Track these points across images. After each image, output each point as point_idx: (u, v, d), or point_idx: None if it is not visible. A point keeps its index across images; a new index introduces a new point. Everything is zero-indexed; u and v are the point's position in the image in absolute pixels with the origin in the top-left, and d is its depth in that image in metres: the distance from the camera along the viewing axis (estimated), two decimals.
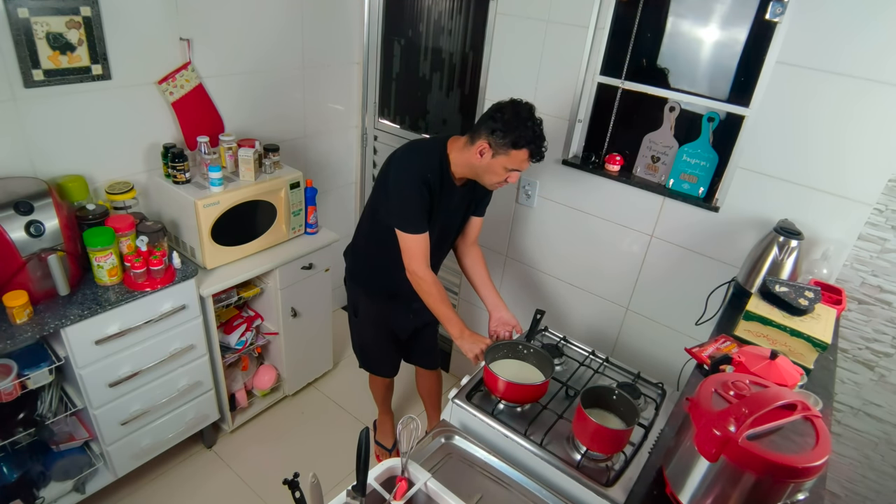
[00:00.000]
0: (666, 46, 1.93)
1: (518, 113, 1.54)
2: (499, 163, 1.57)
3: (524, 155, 1.54)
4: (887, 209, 1.58)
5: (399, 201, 1.64)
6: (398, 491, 1.14)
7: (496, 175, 1.60)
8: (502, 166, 1.57)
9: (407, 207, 1.63)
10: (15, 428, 1.75)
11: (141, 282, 1.83)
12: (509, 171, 1.59)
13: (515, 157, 1.55)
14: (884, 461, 1.86)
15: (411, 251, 1.67)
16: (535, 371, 1.53)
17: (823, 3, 1.51)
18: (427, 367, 2.23)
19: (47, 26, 1.70)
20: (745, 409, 0.88)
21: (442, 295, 1.70)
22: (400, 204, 1.64)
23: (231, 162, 2.16)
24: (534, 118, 1.55)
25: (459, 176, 1.69)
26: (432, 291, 1.68)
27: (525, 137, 1.52)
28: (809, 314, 1.45)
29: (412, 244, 1.66)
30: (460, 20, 2.45)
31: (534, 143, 1.54)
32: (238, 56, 2.25)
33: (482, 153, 1.57)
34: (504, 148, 1.54)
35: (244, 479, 2.26)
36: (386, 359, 2.14)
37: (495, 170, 1.59)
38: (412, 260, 1.68)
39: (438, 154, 1.66)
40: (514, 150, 1.53)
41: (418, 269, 1.68)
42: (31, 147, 1.80)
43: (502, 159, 1.56)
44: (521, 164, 1.57)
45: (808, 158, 1.65)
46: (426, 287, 1.69)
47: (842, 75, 1.53)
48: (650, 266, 2.09)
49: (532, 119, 1.55)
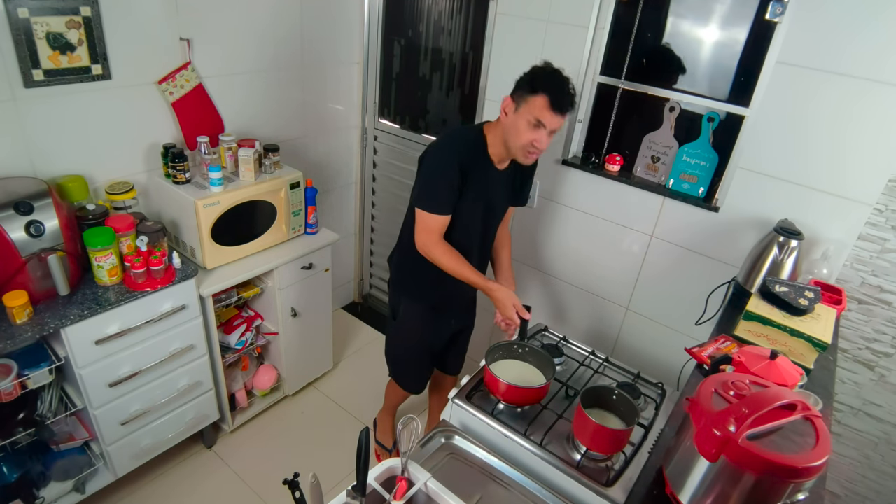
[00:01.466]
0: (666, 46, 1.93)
1: (540, 66, 1.53)
2: (521, 116, 1.51)
3: (543, 101, 1.47)
4: (887, 209, 1.58)
5: (425, 179, 1.63)
6: (398, 491, 1.14)
7: (520, 134, 1.52)
8: (525, 119, 1.50)
9: (431, 186, 1.62)
10: (15, 428, 1.75)
11: (141, 282, 1.83)
12: (533, 127, 1.50)
13: (534, 103, 1.48)
14: (884, 461, 1.86)
15: (427, 227, 1.64)
16: (535, 372, 1.53)
17: (823, 3, 1.51)
18: (453, 372, 2.22)
19: (47, 26, 1.70)
20: (745, 409, 0.88)
21: (462, 262, 1.66)
22: (425, 182, 1.63)
23: (231, 162, 2.16)
24: (556, 70, 1.51)
25: (498, 158, 1.66)
26: (452, 265, 1.65)
27: (542, 81, 1.48)
28: (809, 314, 1.45)
29: (430, 222, 1.63)
30: (460, 20, 2.45)
31: (553, 88, 1.47)
32: (238, 56, 2.25)
33: (506, 111, 1.55)
34: (523, 96, 1.50)
35: (244, 478, 2.26)
36: (417, 375, 2.11)
37: (519, 126, 1.52)
38: (426, 235, 1.65)
39: (474, 136, 1.65)
40: (531, 95, 1.48)
41: (433, 248, 1.65)
42: (31, 147, 1.80)
43: (523, 110, 1.50)
44: (541, 113, 1.48)
45: (809, 158, 1.66)
46: (445, 261, 1.65)
47: (842, 75, 1.53)
48: (650, 266, 2.09)
49: (554, 69, 1.51)
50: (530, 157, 1.59)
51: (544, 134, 1.52)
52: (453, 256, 1.65)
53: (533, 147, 1.54)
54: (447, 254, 1.65)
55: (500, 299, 1.65)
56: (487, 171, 1.66)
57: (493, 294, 1.66)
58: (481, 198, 1.69)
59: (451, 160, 1.59)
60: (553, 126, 1.51)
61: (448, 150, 1.62)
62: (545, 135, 1.52)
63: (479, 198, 1.68)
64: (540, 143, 1.53)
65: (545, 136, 1.52)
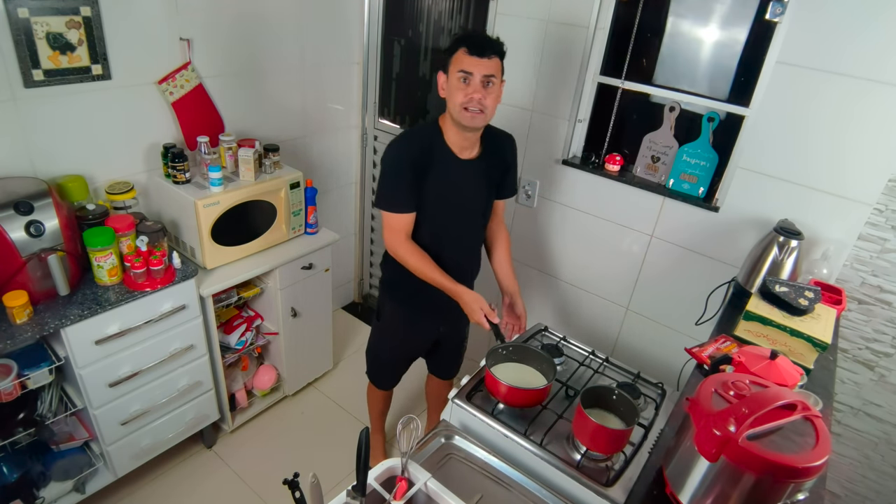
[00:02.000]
0: (666, 46, 1.93)
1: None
2: (452, 79, 1.51)
3: (463, 51, 1.48)
4: (887, 209, 1.58)
5: (381, 180, 1.63)
6: (398, 491, 1.14)
7: (455, 94, 1.51)
8: (454, 79, 1.50)
9: (387, 186, 1.61)
10: (15, 428, 1.75)
11: (141, 282, 1.83)
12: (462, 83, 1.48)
13: (457, 60, 1.49)
14: (884, 461, 1.86)
15: (390, 227, 1.64)
16: (536, 374, 1.53)
17: (823, 3, 1.51)
18: (445, 377, 2.20)
19: (47, 26, 1.70)
20: (745, 409, 0.88)
21: (428, 263, 1.64)
22: (381, 182, 1.63)
23: (231, 162, 2.16)
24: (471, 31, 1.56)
25: (457, 146, 1.62)
26: (418, 265, 1.63)
27: (457, 38, 1.50)
28: (809, 314, 1.45)
29: (392, 221, 1.63)
30: (460, 20, 2.45)
31: (468, 37, 1.49)
32: (238, 56, 2.25)
33: (443, 87, 1.56)
34: (448, 62, 1.52)
35: (244, 478, 2.26)
36: (394, 372, 2.10)
37: (452, 89, 1.52)
38: (390, 235, 1.65)
39: (429, 130, 1.63)
40: (453, 55, 1.50)
41: (397, 247, 1.64)
42: (31, 147, 1.80)
43: (451, 73, 1.51)
44: (463, 63, 1.47)
45: (809, 158, 1.65)
46: (411, 262, 1.64)
47: (842, 75, 1.53)
48: (650, 266, 2.09)
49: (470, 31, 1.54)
50: (474, 117, 1.52)
51: (475, 84, 1.48)
52: (419, 257, 1.64)
53: (469, 101, 1.49)
54: (413, 254, 1.64)
55: (466, 303, 1.62)
56: (449, 162, 1.63)
57: (459, 298, 1.63)
58: (447, 191, 1.65)
59: (402, 157, 1.59)
60: (480, 70, 1.47)
61: (400, 147, 1.61)
62: (477, 84, 1.48)
63: (444, 192, 1.65)
64: (475, 94, 1.49)
65: (477, 85, 1.48)
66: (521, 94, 2.18)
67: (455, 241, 1.76)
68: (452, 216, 1.71)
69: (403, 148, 1.61)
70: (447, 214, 1.69)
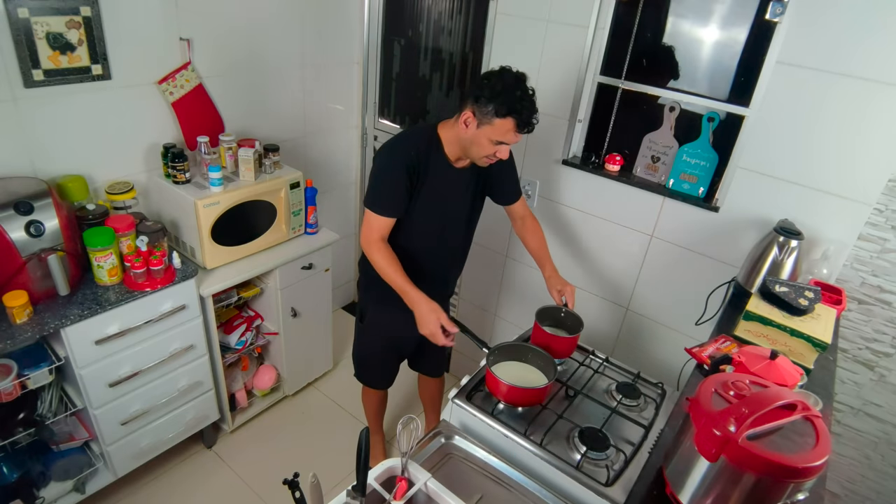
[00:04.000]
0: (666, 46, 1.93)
1: (504, 79, 1.43)
2: (484, 134, 1.47)
3: (510, 125, 1.43)
4: (887, 209, 1.58)
5: (373, 179, 1.59)
6: (398, 491, 1.14)
7: (482, 148, 1.50)
8: (487, 138, 1.47)
9: (377, 186, 1.58)
10: (15, 428, 1.75)
11: (141, 282, 1.83)
12: (496, 145, 1.49)
13: (500, 126, 1.44)
14: (884, 461, 1.86)
15: (369, 225, 1.60)
16: (537, 373, 1.53)
17: (823, 3, 1.51)
18: (433, 374, 2.20)
19: (47, 26, 1.70)
20: (745, 409, 0.88)
21: (394, 266, 1.59)
22: (373, 181, 1.59)
23: (231, 162, 2.16)
24: (522, 85, 1.44)
25: (454, 157, 1.61)
26: (383, 265, 1.59)
27: (510, 105, 1.41)
28: (809, 314, 1.45)
29: (372, 221, 1.59)
30: (460, 20, 2.45)
31: (520, 112, 1.42)
32: (238, 56, 2.25)
33: (467, 123, 1.49)
34: (488, 117, 1.44)
35: (244, 479, 2.26)
36: (384, 372, 2.07)
37: (481, 142, 1.49)
38: (367, 233, 1.61)
39: (426, 136, 1.60)
40: (497, 118, 1.43)
41: (370, 245, 1.60)
42: (31, 147, 1.80)
43: (487, 130, 1.46)
44: (506, 136, 1.45)
45: (809, 158, 1.65)
46: (380, 262, 1.60)
47: (842, 75, 1.53)
48: (650, 266, 2.09)
49: (520, 86, 1.43)
50: (490, 162, 1.57)
51: (507, 148, 1.51)
52: (387, 259, 1.59)
53: (495, 158, 1.53)
54: (383, 256, 1.60)
55: (422, 314, 1.56)
56: (444, 171, 1.62)
57: (415, 307, 1.57)
58: (437, 199, 1.64)
59: (399, 160, 1.54)
60: (515, 142, 1.50)
61: (397, 150, 1.57)
62: (507, 150, 1.52)
63: (434, 198, 1.63)
64: (502, 154, 1.52)
65: (507, 148, 1.52)
66: None
67: (439, 249, 1.76)
68: (439, 223, 1.71)
69: (403, 151, 1.57)
70: (434, 220, 1.68)
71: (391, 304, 1.79)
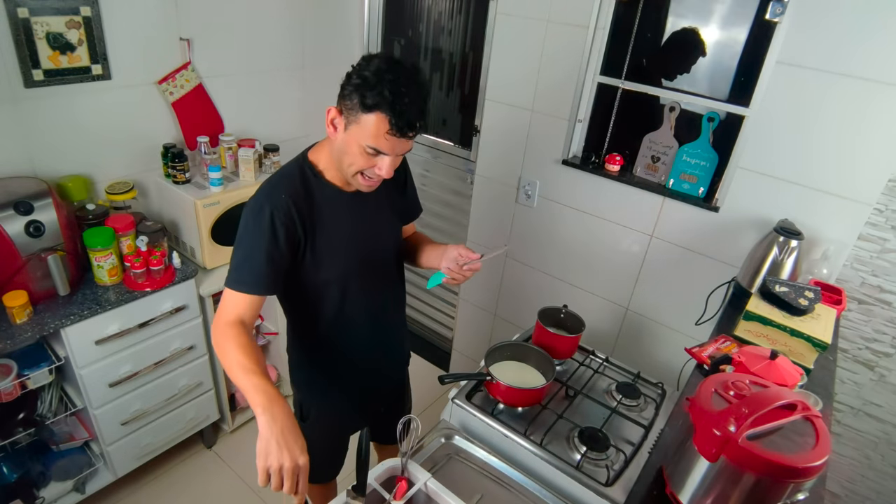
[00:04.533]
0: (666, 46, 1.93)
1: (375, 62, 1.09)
2: (353, 137, 1.11)
3: (381, 123, 1.07)
4: (887, 209, 1.58)
5: (234, 250, 1.21)
6: (398, 491, 1.14)
7: (354, 157, 1.13)
8: (357, 143, 1.11)
9: (235, 256, 1.20)
10: (15, 428, 1.75)
11: (141, 282, 1.83)
12: (371, 154, 1.12)
13: (368, 126, 1.08)
14: (884, 461, 1.86)
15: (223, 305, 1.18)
16: (535, 373, 1.53)
17: (824, 3, 1.51)
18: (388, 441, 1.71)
19: (47, 26, 1.70)
20: (745, 409, 0.88)
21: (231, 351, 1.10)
22: (234, 251, 1.21)
23: (231, 162, 2.16)
24: (399, 69, 1.09)
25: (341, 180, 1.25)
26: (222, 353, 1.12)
27: (378, 94, 1.05)
28: (809, 314, 1.45)
29: (226, 297, 1.18)
30: (460, 20, 2.45)
31: (393, 104, 1.05)
32: (238, 56, 2.25)
33: (335, 125, 1.15)
34: (353, 112, 1.09)
35: (244, 479, 2.25)
36: (332, 465, 1.63)
37: (351, 149, 1.12)
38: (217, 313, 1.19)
39: (297, 170, 1.24)
40: (363, 113, 1.07)
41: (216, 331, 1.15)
42: (31, 147, 1.80)
43: (354, 131, 1.10)
44: (378, 140, 1.09)
45: (809, 158, 1.65)
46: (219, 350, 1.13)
47: (842, 75, 1.53)
48: (650, 266, 2.09)
49: (395, 70, 1.08)
50: (371, 186, 1.20)
51: (387, 163, 1.13)
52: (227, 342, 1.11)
53: (372, 173, 1.16)
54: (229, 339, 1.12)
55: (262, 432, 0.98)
56: (336, 200, 1.25)
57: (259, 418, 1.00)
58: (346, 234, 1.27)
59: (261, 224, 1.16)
60: (396, 151, 1.12)
61: (258, 211, 1.17)
62: (388, 163, 1.14)
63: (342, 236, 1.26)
64: (381, 170, 1.14)
65: (388, 164, 1.14)
66: (521, 94, 2.18)
67: (371, 296, 1.37)
68: (360, 266, 1.32)
69: (266, 205, 1.16)
70: (352, 267, 1.30)
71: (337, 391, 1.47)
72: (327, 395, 1.47)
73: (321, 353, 1.41)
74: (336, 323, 1.34)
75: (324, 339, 1.38)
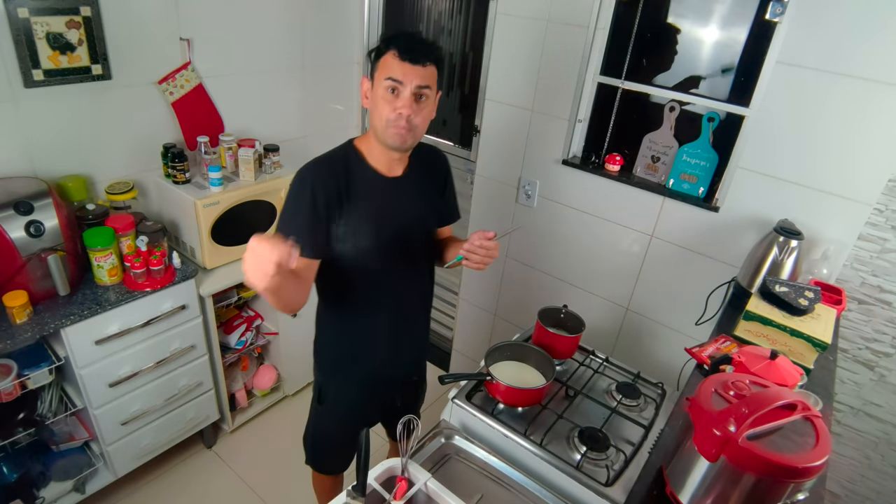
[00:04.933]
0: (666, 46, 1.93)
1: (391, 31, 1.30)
2: (378, 89, 1.25)
3: (392, 55, 1.22)
4: (887, 209, 1.58)
5: (280, 216, 1.34)
6: (398, 491, 1.14)
7: (382, 108, 1.25)
8: (382, 89, 1.23)
9: (281, 224, 1.31)
10: (15, 428, 1.75)
11: (141, 282, 1.83)
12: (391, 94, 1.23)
13: (384, 64, 1.23)
14: (884, 461, 1.86)
15: None
16: (535, 373, 1.53)
17: (824, 3, 1.51)
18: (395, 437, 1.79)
19: (47, 26, 1.70)
20: (745, 409, 0.88)
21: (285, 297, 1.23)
22: (280, 217, 1.33)
23: (231, 162, 2.16)
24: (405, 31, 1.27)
25: (385, 165, 1.36)
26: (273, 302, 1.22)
27: (386, 39, 1.24)
28: (809, 314, 1.45)
29: None
30: (460, 20, 2.45)
31: (398, 39, 1.22)
32: (238, 56, 2.25)
33: (367, 94, 1.30)
34: (375, 65, 1.26)
35: (244, 479, 2.26)
36: (343, 459, 1.70)
37: (378, 101, 1.25)
38: None
39: (342, 152, 1.37)
40: (379, 60, 1.24)
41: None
42: (31, 147, 1.80)
43: (377, 79, 1.25)
44: (392, 69, 1.21)
45: (809, 158, 1.65)
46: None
47: (842, 75, 1.53)
48: (650, 266, 2.09)
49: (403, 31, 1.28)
50: (401, 134, 1.26)
51: (405, 96, 1.23)
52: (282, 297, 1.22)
53: (398, 117, 1.24)
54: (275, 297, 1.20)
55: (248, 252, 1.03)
56: (375, 182, 1.35)
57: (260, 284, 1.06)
58: (378, 216, 1.34)
59: (305, 188, 1.28)
60: (412, 81, 1.22)
61: (303, 181, 1.30)
62: (407, 97, 1.23)
63: (374, 217, 1.34)
64: (404, 109, 1.23)
65: (407, 98, 1.23)
66: (521, 94, 2.18)
67: (398, 283, 1.44)
68: (390, 247, 1.38)
69: (311, 176, 1.30)
70: (383, 245, 1.36)
71: (352, 383, 1.56)
72: (347, 377, 1.55)
73: (346, 333, 1.50)
74: (363, 303, 1.42)
75: (350, 320, 1.46)
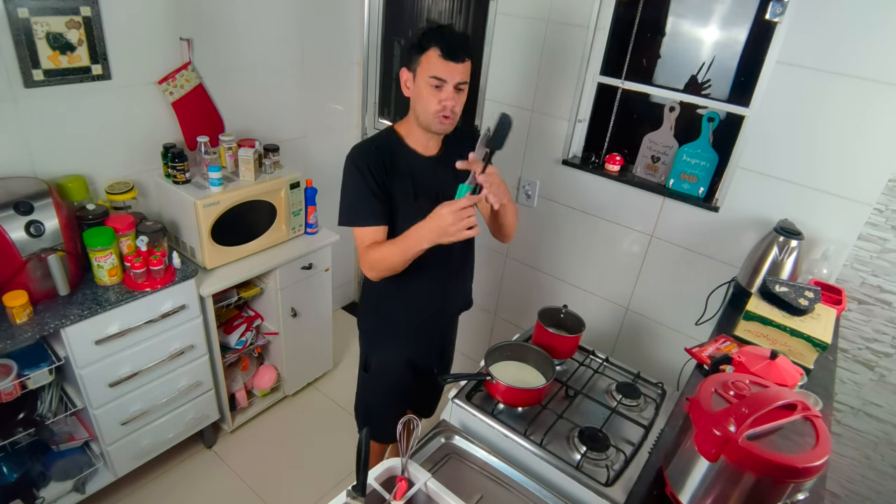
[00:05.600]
0: (666, 46, 1.93)
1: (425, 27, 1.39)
2: (421, 80, 1.39)
3: (435, 54, 1.34)
4: (887, 209, 1.58)
5: (342, 198, 1.48)
6: (398, 491, 1.14)
7: (427, 101, 1.40)
8: (424, 81, 1.38)
9: (349, 201, 1.47)
10: (15, 428, 1.75)
11: (141, 282, 1.83)
12: (435, 89, 1.37)
13: (427, 62, 1.36)
14: (884, 461, 1.86)
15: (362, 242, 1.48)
16: (535, 373, 1.53)
17: (824, 3, 1.51)
18: (425, 413, 2.00)
19: (47, 26, 1.70)
20: (745, 409, 0.88)
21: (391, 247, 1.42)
22: (343, 200, 1.48)
23: (231, 162, 2.16)
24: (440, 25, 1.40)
25: (423, 146, 1.51)
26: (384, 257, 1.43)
27: (426, 36, 1.36)
28: (809, 314, 1.45)
29: (363, 235, 1.47)
30: (460, 20, 2.45)
31: (440, 37, 1.34)
32: (238, 56, 2.25)
33: (408, 85, 1.44)
34: (416, 64, 1.39)
35: (244, 479, 2.26)
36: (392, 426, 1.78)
37: (422, 94, 1.40)
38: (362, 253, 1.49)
39: (385, 134, 1.53)
40: (422, 56, 1.36)
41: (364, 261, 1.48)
42: (31, 147, 1.80)
43: (420, 75, 1.38)
44: (436, 67, 1.35)
45: (809, 158, 1.66)
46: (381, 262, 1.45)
47: (842, 75, 1.54)
48: (650, 266, 2.09)
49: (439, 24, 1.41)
50: (446, 122, 1.42)
51: (450, 91, 1.38)
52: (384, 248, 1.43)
53: (443, 109, 1.40)
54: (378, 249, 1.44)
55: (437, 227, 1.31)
56: (416, 160, 1.51)
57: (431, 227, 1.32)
58: (419, 191, 1.50)
59: (360, 163, 1.44)
60: (454, 78, 1.36)
61: (355, 155, 1.46)
62: (451, 91, 1.38)
63: (416, 192, 1.50)
64: (448, 101, 1.38)
65: (451, 92, 1.38)
66: (521, 94, 2.18)
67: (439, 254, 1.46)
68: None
69: (360, 154, 1.46)
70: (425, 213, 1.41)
71: (398, 345, 1.70)
72: (390, 341, 1.69)
73: (389, 300, 1.63)
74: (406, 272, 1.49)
75: (394, 288, 1.59)
